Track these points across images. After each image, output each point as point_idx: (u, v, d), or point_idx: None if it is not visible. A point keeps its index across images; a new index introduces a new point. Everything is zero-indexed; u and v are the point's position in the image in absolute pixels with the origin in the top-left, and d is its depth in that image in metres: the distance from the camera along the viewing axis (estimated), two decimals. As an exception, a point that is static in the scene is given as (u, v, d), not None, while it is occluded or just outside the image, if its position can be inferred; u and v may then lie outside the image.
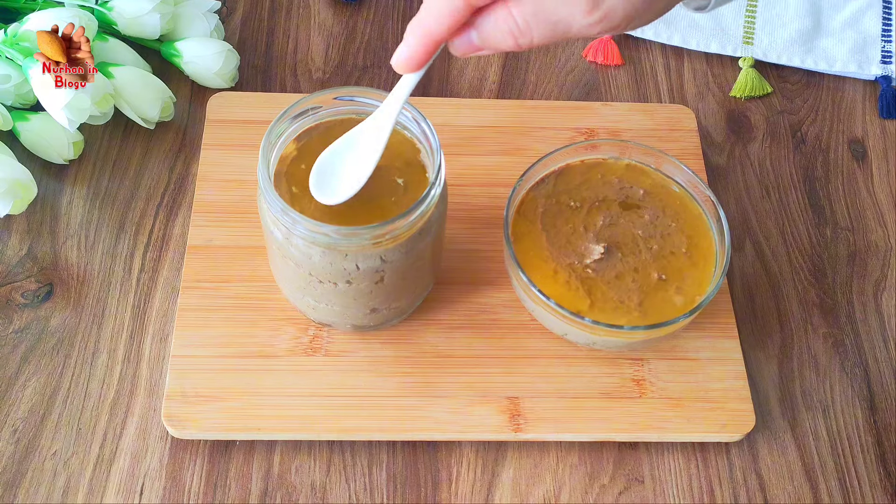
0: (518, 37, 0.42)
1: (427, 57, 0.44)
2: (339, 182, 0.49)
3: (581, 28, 0.41)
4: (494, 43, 0.42)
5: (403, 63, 0.44)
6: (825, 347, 0.61)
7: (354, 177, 0.49)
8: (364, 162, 0.49)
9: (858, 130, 0.72)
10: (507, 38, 0.42)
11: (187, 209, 0.63)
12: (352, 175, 0.49)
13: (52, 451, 0.54)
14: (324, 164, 0.49)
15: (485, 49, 0.43)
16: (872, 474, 0.57)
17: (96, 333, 0.58)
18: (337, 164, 0.49)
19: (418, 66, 0.44)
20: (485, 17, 0.42)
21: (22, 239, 0.61)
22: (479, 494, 0.54)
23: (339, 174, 0.49)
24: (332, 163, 0.49)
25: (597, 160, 0.60)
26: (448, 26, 0.42)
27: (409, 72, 0.45)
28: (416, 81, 0.47)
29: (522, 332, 0.59)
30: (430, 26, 0.42)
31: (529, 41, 0.42)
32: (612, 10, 0.41)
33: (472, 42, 0.43)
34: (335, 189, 0.49)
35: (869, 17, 0.77)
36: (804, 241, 0.66)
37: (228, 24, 0.74)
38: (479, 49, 0.43)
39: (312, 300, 0.54)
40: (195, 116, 0.68)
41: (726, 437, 0.56)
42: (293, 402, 0.55)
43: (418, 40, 0.43)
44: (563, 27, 0.41)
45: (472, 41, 0.43)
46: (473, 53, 0.44)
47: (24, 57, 0.60)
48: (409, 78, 0.47)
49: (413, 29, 0.43)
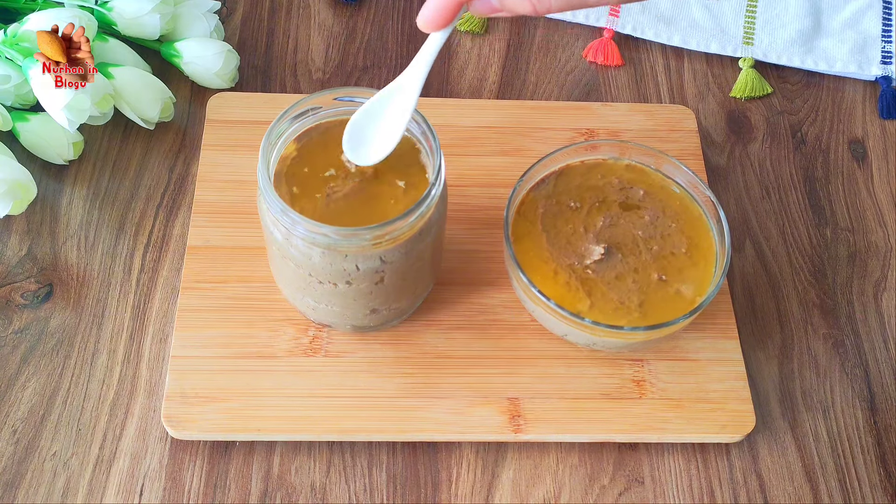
0: (536, 2, 0.42)
1: (451, 13, 0.44)
2: (371, 144, 0.50)
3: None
4: (513, 5, 0.43)
5: (429, 20, 0.45)
6: (825, 348, 0.61)
7: (385, 139, 0.50)
8: (394, 124, 0.49)
9: (858, 131, 0.72)
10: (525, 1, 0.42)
11: (187, 209, 0.63)
12: (383, 138, 0.50)
13: (52, 451, 0.54)
14: (356, 125, 0.50)
15: (503, 11, 0.43)
16: (872, 475, 0.57)
17: (96, 334, 0.58)
18: (368, 125, 0.50)
19: (444, 22, 0.45)
20: None
21: (22, 239, 0.61)
22: (479, 495, 0.54)
23: (370, 136, 0.50)
24: (364, 124, 0.50)
25: (597, 161, 0.60)
26: None
27: (435, 30, 0.45)
28: (442, 41, 0.47)
29: (522, 332, 0.59)
30: None
31: (548, 5, 0.42)
32: None
33: (491, 3, 0.43)
34: (367, 151, 0.50)
35: (869, 18, 0.77)
36: (804, 241, 0.66)
37: (228, 24, 0.74)
38: (498, 10, 0.43)
39: (312, 301, 0.54)
40: (195, 117, 0.68)
41: (726, 438, 0.56)
42: (293, 402, 0.55)
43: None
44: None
45: (492, 2, 0.43)
46: (492, 14, 0.44)
47: (24, 57, 0.60)
48: (434, 37, 0.47)
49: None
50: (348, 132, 0.50)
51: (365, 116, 0.50)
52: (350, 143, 0.50)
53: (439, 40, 0.47)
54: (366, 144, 0.50)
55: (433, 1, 0.44)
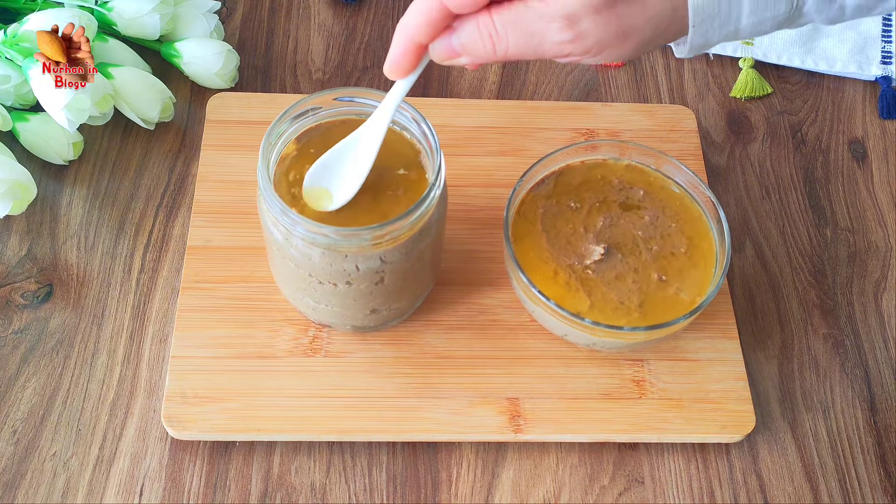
0: (496, 42, 0.43)
1: (413, 60, 0.45)
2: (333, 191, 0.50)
3: (553, 45, 0.43)
4: (472, 47, 0.44)
5: (393, 67, 0.46)
6: (825, 348, 0.61)
7: (346, 188, 0.50)
8: (357, 169, 0.50)
9: (858, 131, 0.72)
10: (487, 41, 0.43)
11: (187, 210, 0.63)
12: (344, 186, 0.50)
13: (52, 451, 0.54)
14: (314, 175, 0.50)
15: (463, 55, 0.44)
16: (872, 475, 0.57)
17: (96, 334, 0.58)
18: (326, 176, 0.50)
19: (405, 71, 0.46)
20: (466, 21, 0.43)
21: (21, 240, 0.61)
22: (479, 495, 0.54)
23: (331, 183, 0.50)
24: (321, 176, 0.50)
25: (597, 161, 0.60)
26: (426, 24, 0.43)
27: (401, 76, 0.46)
28: (407, 88, 0.48)
29: (522, 332, 0.59)
30: (409, 26, 0.44)
31: (505, 49, 0.43)
32: (586, 34, 0.42)
33: (451, 46, 0.44)
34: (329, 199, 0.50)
35: (869, 18, 0.77)
36: (804, 241, 0.66)
37: (228, 24, 0.74)
38: (458, 55, 0.44)
39: (312, 301, 0.54)
40: (195, 117, 0.68)
41: (726, 438, 0.56)
42: (293, 402, 0.55)
43: (400, 42, 0.45)
44: (538, 40, 0.43)
45: (452, 45, 0.44)
46: (452, 60, 0.45)
47: (24, 57, 0.60)
48: (400, 84, 0.48)
49: (397, 31, 0.45)
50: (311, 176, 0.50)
51: (322, 168, 0.50)
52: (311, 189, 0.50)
53: (404, 87, 0.48)
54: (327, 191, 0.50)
55: (394, 49, 0.45)
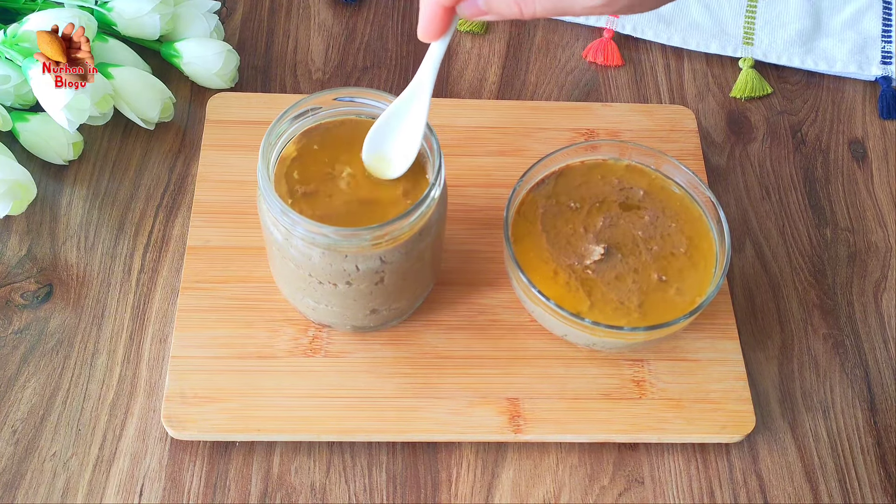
0: (522, 4, 0.43)
1: (444, 21, 0.45)
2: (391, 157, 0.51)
3: (585, 5, 0.42)
4: (498, 7, 0.43)
5: (426, 31, 0.46)
6: (825, 348, 0.61)
7: (404, 152, 0.51)
8: (410, 137, 0.50)
9: (858, 131, 0.72)
10: (512, 4, 0.43)
11: (187, 210, 0.63)
12: (402, 150, 0.51)
13: (52, 451, 0.54)
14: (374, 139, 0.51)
15: (490, 14, 0.44)
16: (872, 475, 0.57)
17: (96, 334, 0.58)
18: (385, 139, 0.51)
19: (441, 31, 0.46)
20: None
21: (21, 240, 0.61)
22: (478, 495, 0.54)
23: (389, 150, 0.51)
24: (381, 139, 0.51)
25: (597, 161, 0.60)
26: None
27: (434, 39, 0.47)
28: (443, 49, 0.48)
29: (522, 332, 0.59)
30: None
31: (532, 10, 0.43)
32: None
33: (477, 5, 0.44)
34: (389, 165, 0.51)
35: (869, 18, 0.77)
36: (804, 241, 0.66)
37: (228, 24, 0.74)
38: (484, 13, 0.44)
39: (312, 301, 0.54)
40: (195, 117, 0.68)
41: (726, 438, 0.56)
42: (293, 402, 0.55)
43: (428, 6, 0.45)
44: (568, 2, 0.42)
45: (478, 4, 0.44)
46: (479, 18, 0.45)
47: (23, 57, 0.60)
48: (435, 46, 0.48)
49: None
50: (368, 145, 0.51)
51: (380, 132, 0.51)
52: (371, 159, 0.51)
53: (440, 48, 0.48)
54: (386, 158, 0.51)
55: (424, 11, 0.45)
